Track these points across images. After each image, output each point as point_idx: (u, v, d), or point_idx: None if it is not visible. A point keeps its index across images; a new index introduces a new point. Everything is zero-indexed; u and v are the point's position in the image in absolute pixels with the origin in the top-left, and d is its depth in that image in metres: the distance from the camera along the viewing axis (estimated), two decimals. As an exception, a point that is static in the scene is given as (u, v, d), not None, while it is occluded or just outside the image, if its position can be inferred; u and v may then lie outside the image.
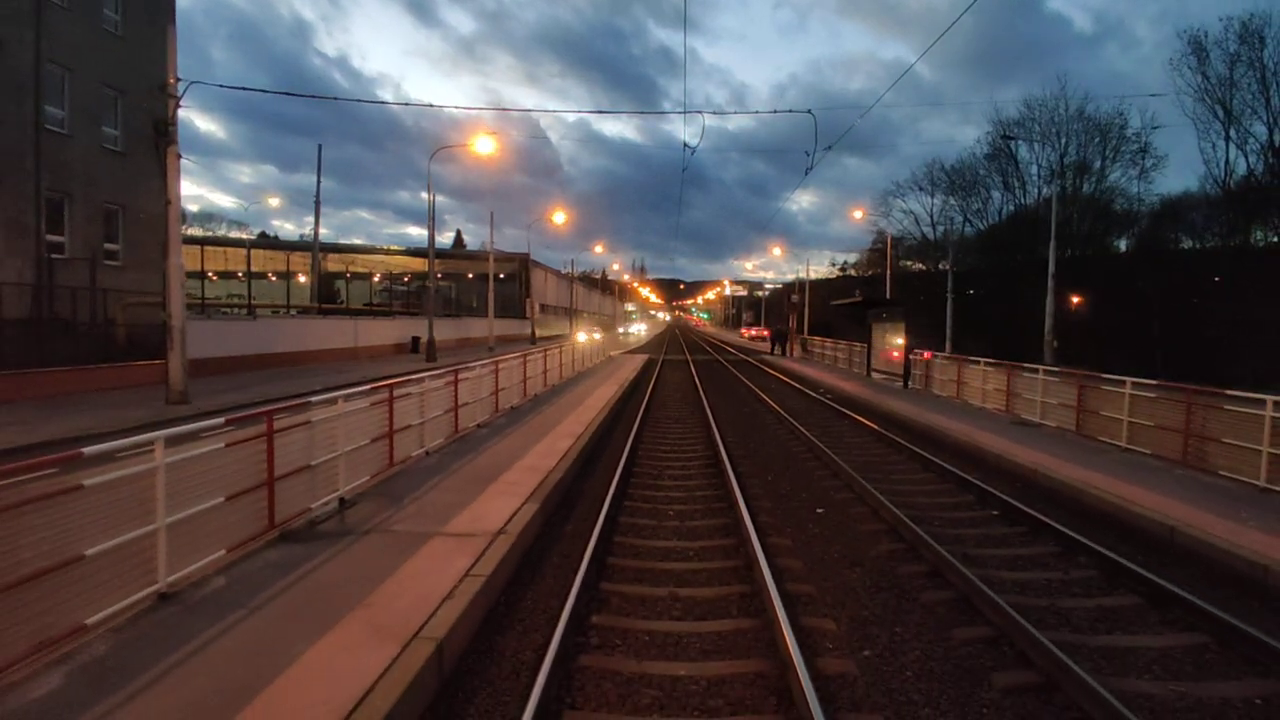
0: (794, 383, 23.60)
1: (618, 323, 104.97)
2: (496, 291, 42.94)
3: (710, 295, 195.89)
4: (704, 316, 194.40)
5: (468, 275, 58.38)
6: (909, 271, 59.86)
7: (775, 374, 27.72)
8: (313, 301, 39.58)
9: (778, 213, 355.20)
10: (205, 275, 38.65)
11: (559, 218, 42.93)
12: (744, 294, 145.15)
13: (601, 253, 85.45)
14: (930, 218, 59.38)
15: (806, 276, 59.15)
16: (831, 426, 14.31)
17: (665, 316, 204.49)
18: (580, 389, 18.82)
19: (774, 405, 16.87)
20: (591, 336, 33.80)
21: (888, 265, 44.41)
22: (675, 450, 11.57)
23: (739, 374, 27.15)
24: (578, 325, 60.05)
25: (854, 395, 18.94)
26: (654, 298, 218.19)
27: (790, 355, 39.02)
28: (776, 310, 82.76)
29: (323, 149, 58.28)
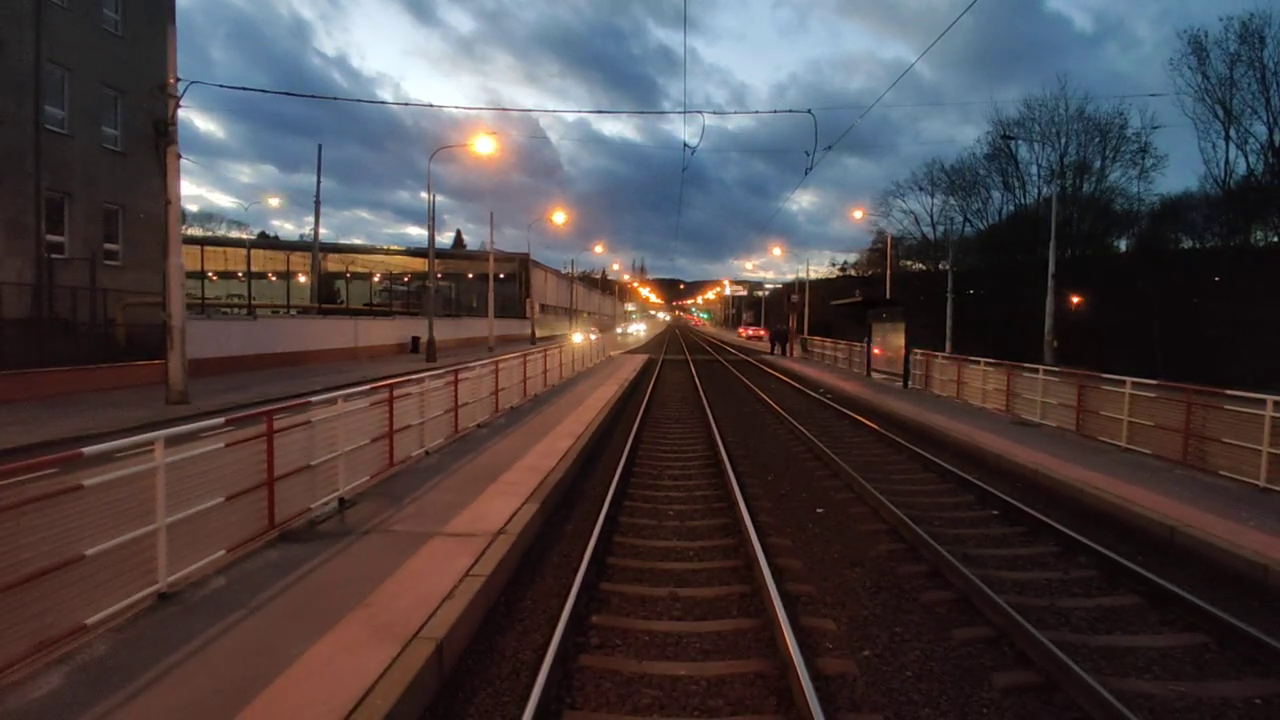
0: (794, 382, 23.60)
1: (617, 323, 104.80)
2: (496, 291, 42.96)
3: (710, 295, 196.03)
4: (704, 316, 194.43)
5: (468, 275, 58.42)
6: (909, 271, 59.81)
7: (775, 374, 27.72)
8: (313, 301, 39.56)
9: (778, 213, 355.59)
10: (205, 275, 38.66)
11: (559, 218, 42.99)
12: (744, 294, 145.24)
13: (601, 253, 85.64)
14: (930, 218, 59.43)
15: (806, 276, 59.31)
16: (831, 426, 14.32)
17: (665, 316, 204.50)
18: (580, 389, 18.83)
19: (774, 405, 16.88)
20: (587, 338, 32.10)
21: (888, 265, 44.44)
22: (675, 450, 11.57)
23: (739, 374, 27.15)
24: (575, 326, 59.78)
25: (854, 395, 18.94)
26: (654, 298, 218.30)
27: (790, 355, 39.02)
28: (776, 310, 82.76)
29: (322, 149, 58.23)
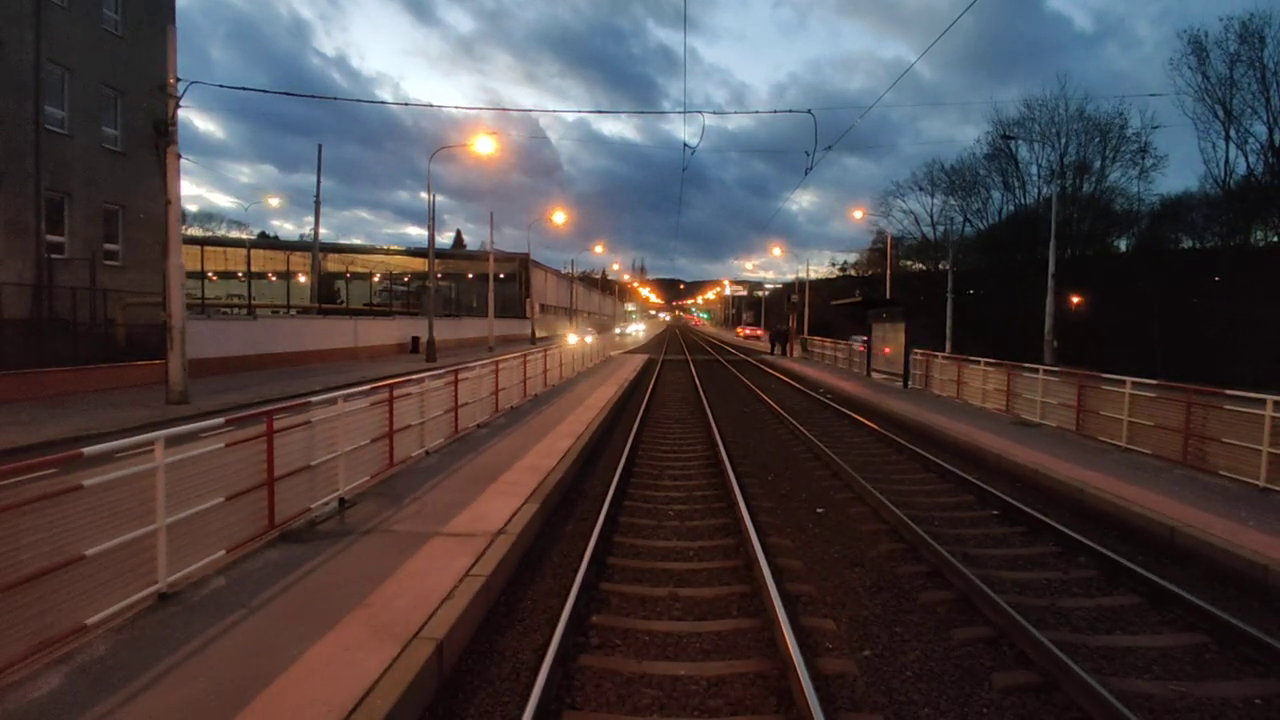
0: (794, 382, 23.61)
1: (616, 323, 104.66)
2: (496, 291, 42.95)
3: (710, 295, 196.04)
4: (704, 316, 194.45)
5: (468, 275, 58.38)
6: (909, 271, 59.81)
7: (775, 374, 27.73)
8: (313, 301, 39.52)
9: (778, 213, 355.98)
10: (205, 275, 38.61)
11: (559, 218, 42.96)
12: (744, 294, 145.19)
13: (601, 253, 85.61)
14: (930, 218, 59.42)
15: (806, 276, 59.23)
16: (831, 426, 14.32)
17: (665, 316, 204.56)
18: (580, 389, 18.83)
19: (774, 405, 16.88)
20: (582, 339, 30.11)
21: (888, 265, 44.43)
22: (675, 450, 11.57)
23: (739, 374, 27.15)
24: (570, 327, 59.47)
25: (854, 395, 18.94)
26: (654, 298, 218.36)
27: (790, 355, 39.04)
28: (776, 310, 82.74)
29: (322, 149, 58.20)
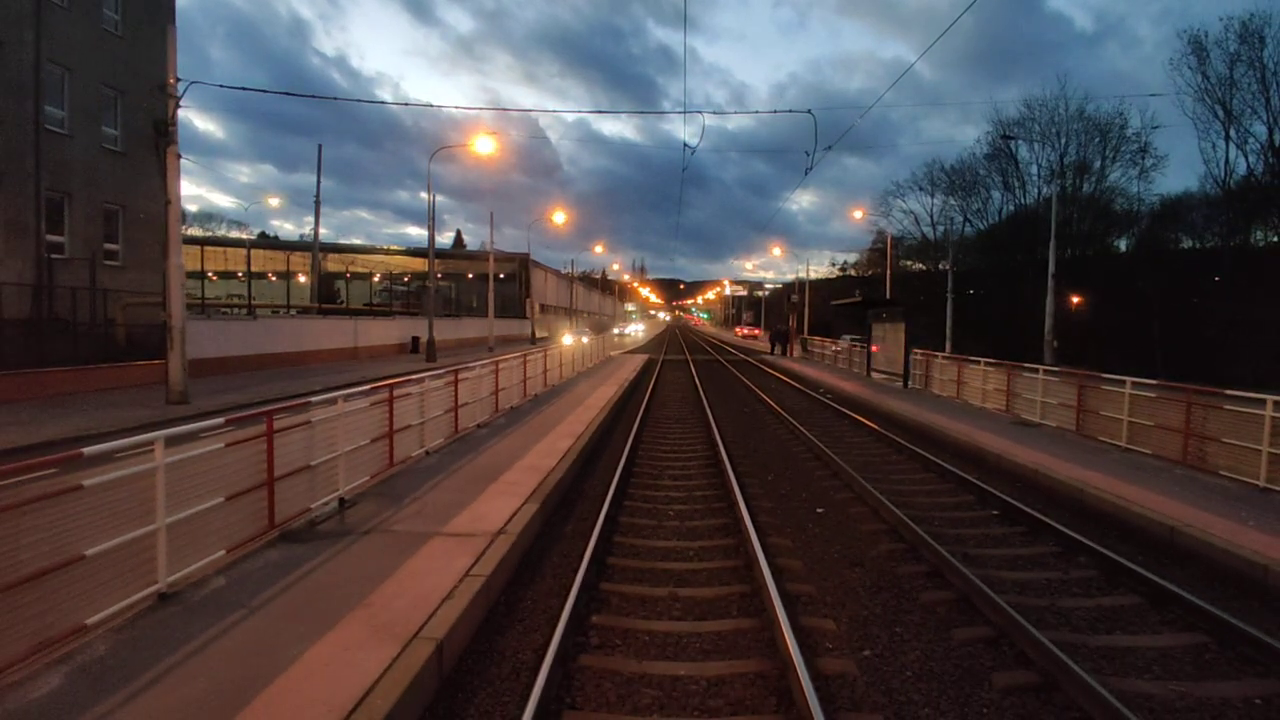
0: (794, 382, 23.61)
1: (617, 322, 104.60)
2: (496, 291, 42.95)
3: (710, 295, 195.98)
4: (704, 316, 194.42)
5: (468, 275, 58.37)
6: (909, 271, 59.83)
7: (775, 374, 27.73)
8: (313, 301, 39.53)
9: (778, 213, 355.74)
10: (205, 275, 38.63)
11: (559, 218, 42.98)
12: (744, 294, 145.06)
13: (601, 253, 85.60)
14: (930, 218, 59.43)
15: (806, 276, 59.23)
16: (831, 426, 14.31)
17: (665, 316, 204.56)
18: (580, 389, 18.82)
19: (774, 405, 16.88)
20: (578, 340, 29.45)
21: (888, 265, 44.42)
22: (675, 450, 11.57)
23: (739, 374, 27.15)
24: (570, 327, 59.33)
25: (854, 395, 18.94)
26: (654, 297, 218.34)
27: (790, 355, 39.05)
28: (776, 310, 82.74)
29: (322, 149, 58.18)
